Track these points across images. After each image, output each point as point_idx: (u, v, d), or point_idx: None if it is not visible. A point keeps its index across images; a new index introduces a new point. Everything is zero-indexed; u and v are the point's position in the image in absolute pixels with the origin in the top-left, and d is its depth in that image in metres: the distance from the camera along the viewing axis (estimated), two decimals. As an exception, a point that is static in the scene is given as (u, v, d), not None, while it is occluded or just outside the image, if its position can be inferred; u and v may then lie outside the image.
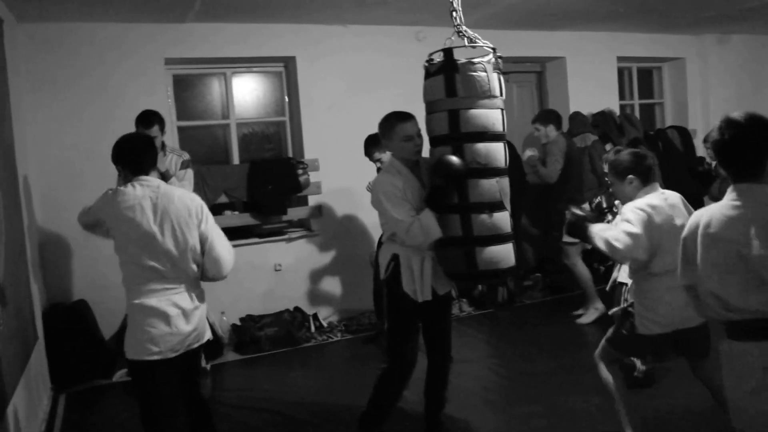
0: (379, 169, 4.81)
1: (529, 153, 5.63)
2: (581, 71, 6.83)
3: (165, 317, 2.67)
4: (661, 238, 2.84)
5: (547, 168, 5.45)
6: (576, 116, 6.38)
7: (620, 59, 7.18)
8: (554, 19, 6.12)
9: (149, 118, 4.16)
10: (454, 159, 2.92)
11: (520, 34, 6.33)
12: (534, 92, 7.18)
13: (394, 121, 3.11)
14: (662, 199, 2.96)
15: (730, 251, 1.95)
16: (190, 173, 4.30)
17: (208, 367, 4.44)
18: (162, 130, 4.23)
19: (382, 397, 3.25)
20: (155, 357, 2.67)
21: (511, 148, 6.25)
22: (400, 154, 3.13)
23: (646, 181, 3.01)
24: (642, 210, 2.87)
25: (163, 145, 4.28)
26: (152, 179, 2.79)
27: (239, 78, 5.87)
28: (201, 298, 2.86)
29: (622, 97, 7.36)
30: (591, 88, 6.83)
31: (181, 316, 2.72)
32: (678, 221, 2.85)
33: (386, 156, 4.47)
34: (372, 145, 4.64)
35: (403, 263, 3.09)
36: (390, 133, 3.11)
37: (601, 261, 5.62)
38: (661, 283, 2.85)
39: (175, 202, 2.75)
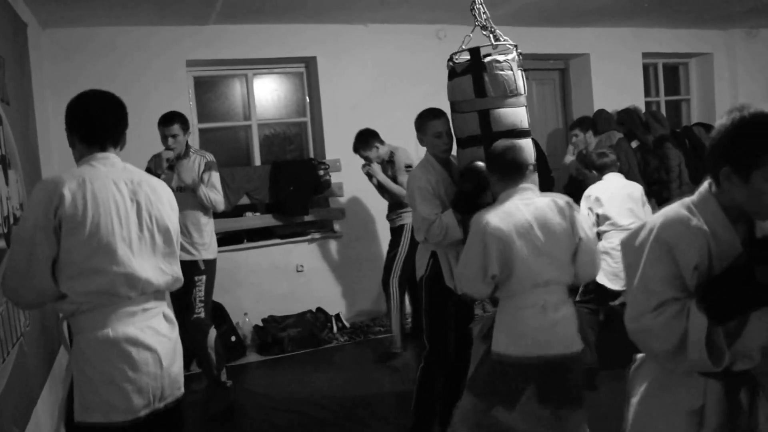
0: (366, 165, 4.87)
1: (570, 158, 5.74)
2: (605, 68, 6.72)
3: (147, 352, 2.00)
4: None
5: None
6: (600, 114, 6.29)
7: (645, 55, 7.05)
8: (577, 16, 6.03)
9: (170, 117, 4.09)
10: (483, 166, 2.92)
11: (542, 31, 6.25)
12: (557, 90, 7.09)
13: (427, 117, 3.21)
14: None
15: None
16: (215, 176, 4.15)
17: (229, 383, 4.24)
18: (184, 130, 4.14)
19: (428, 395, 3.25)
20: (139, 414, 1.96)
21: (535, 145, 6.22)
22: (432, 151, 3.22)
23: (506, 179, 2.61)
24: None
25: (187, 146, 4.21)
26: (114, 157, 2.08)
27: (260, 79, 5.88)
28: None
29: (647, 94, 7.23)
30: (615, 85, 6.72)
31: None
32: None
33: (373, 153, 4.72)
34: (358, 142, 4.82)
35: (442, 259, 3.11)
36: (423, 128, 3.22)
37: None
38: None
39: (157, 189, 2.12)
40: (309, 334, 5.16)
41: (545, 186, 6.11)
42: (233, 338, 4.99)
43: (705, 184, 1.62)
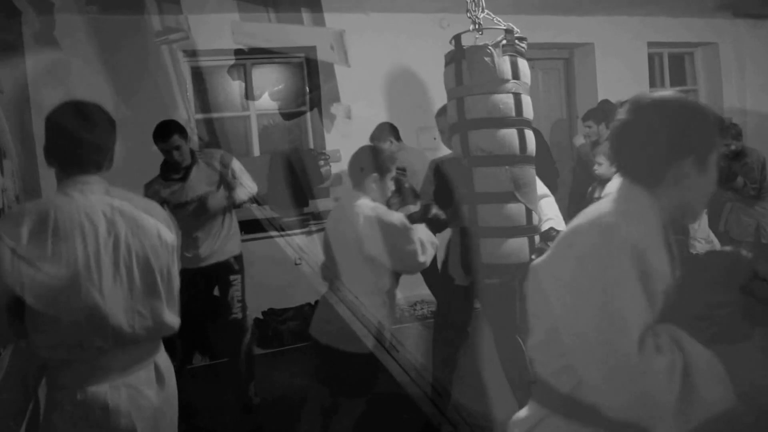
0: None
1: (581, 140, 5.48)
2: (610, 58, 6.63)
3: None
4: None
5: (603, 168, 5.39)
6: (605, 105, 6.21)
7: (651, 45, 6.96)
8: (582, 4, 5.95)
9: (166, 129, 3.56)
10: (453, 161, 2.94)
11: (546, 20, 6.16)
12: (561, 80, 7.00)
13: (436, 114, 3.38)
14: None
15: None
16: (238, 167, 3.83)
17: (257, 400, 4.01)
18: (185, 138, 3.65)
19: None
20: None
21: (537, 135, 6.14)
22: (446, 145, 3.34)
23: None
24: None
25: (193, 155, 3.75)
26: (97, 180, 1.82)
27: (259, 69, 5.80)
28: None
29: (653, 84, 7.13)
30: (620, 75, 6.62)
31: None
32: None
33: (386, 146, 4.66)
34: (375, 131, 4.83)
35: (452, 249, 3.20)
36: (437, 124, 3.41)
37: None
38: None
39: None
40: (309, 326, 5.11)
41: (548, 178, 6.06)
42: (232, 331, 4.95)
43: (629, 191, 1.38)
